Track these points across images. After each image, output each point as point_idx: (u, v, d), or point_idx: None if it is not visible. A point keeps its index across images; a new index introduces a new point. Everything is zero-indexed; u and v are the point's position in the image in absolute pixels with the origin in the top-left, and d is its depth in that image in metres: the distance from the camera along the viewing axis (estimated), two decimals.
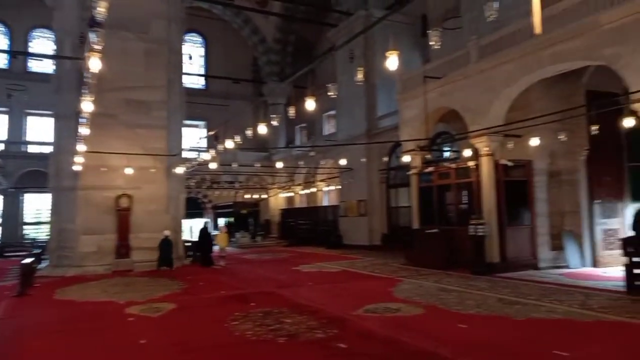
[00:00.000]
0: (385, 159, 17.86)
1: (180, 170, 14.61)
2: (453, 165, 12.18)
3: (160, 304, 8.30)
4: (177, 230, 15.25)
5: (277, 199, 28.28)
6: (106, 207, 13.78)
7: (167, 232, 13.75)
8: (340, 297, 8.73)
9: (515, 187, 11.52)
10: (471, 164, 11.54)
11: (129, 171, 13.51)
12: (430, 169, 12.88)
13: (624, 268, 8.80)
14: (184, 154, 17.17)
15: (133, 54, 14.26)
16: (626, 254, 7.95)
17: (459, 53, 12.07)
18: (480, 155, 11.43)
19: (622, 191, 12.30)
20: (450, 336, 5.78)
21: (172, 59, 15.27)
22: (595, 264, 11.58)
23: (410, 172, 13.69)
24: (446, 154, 15.31)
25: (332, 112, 24.85)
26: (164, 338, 6.16)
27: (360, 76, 6.84)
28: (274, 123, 12.42)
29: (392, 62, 5.92)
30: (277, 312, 7.29)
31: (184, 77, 17.86)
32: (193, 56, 30.68)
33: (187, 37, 30.44)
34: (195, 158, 17.09)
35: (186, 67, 28.27)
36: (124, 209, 13.87)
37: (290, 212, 26.88)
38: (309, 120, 28.31)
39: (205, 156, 15.11)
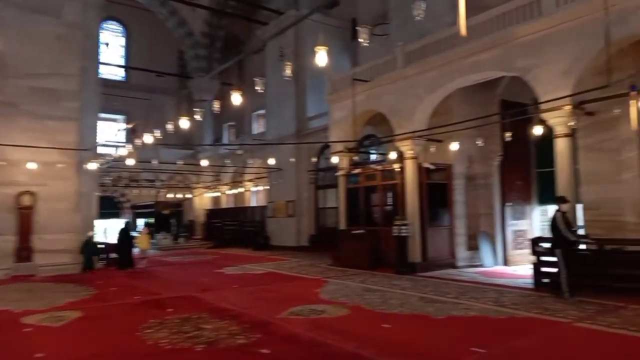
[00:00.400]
0: (315, 159, 17.87)
1: (93, 166, 13.50)
2: (379, 167, 12.42)
3: (64, 312, 7.51)
4: (89, 231, 14.07)
5: (202, 199, 27.26)
6: (5, 205, 12.37)
7: (90, 233, 12.69)
8: (265, 300, 8.48)
9: (436, 190, 11.97)
10: (396, 166, 11.82)
11: (32, 166, 12.24)
12: (357, 170, 13.03)
13: (532, 266, 9.49)
14: (99, 149, 15.91)
15: (42, 38, 12.99)
16: (534, 253, 8.49)
17: (387, 58, 12.34)
18: (405, 158, 11.74)
19: (530, 195, 13.25)
20: (374, 337, 5.77)
21: (87, 45, 14.09)
22: (506, 262, 12.35)
23: (338, 173, 13.76)
24: (373, 156, 15.59)
25: (262, 112, 24.47)
26: (65, 350, 5.53)
27: (288, 72, 6.68)
28: (198, 117, 11.89)
29: (321, 57, 5.82)
30: (197, 317, 6.88)
31: (101, 67, 16.61)
32: (112, 45, 28.76)
33: (106, 25, 28.56)
34: (111, 154, 15.91)
35: (104, 56, 26.55)
36: (25, 207, 12.53)
37: (216, 213, 26.01)
38: (237, 118, 27.67)
39: (122, 152, 14.10)
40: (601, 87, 7.60)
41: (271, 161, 18.15)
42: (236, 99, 7.80)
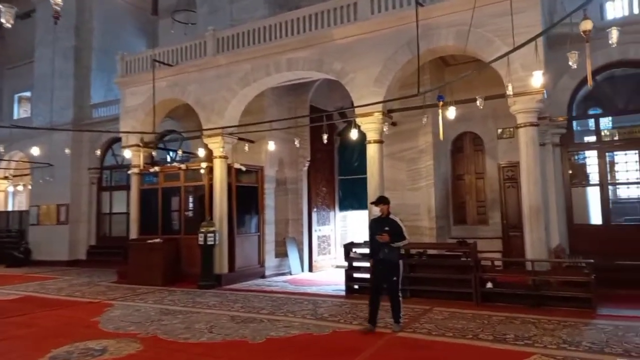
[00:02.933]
0: (98, 152, 14.69)
1: None
2: (183, 166, 10.79)
3: None
4: None
5: None
6: None
7: None
8: (13, 340, 6.03)
9: (246, 194, 11.03)
10: (203, 165, 10.42)
11: None
12: (155, 168, 11.09)
13: (334, 272, 9.43)
14: None
15: None
16: (348, 259, 8.28)
17: (195, 42, 10.87)
18: (213, 157, 10.46)
19: (333, 201, 13.54)
20: None
21: None
22: (311, 268, 12.21)
23: (131, 171, 11.53)
24: (175, 154, 13.72)
25: (28, 94, 19.63)
26: None
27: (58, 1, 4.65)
28: None
29: None
30: None
31: None
32: None
33: None
34: None
35: None
36: None
37: None
38: None
39: None
40: (411, 95, 7.84)
41: (34, 150, 13.87)
42: None
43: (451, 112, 7.33)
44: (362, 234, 17.33)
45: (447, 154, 10.58)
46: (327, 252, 13.02)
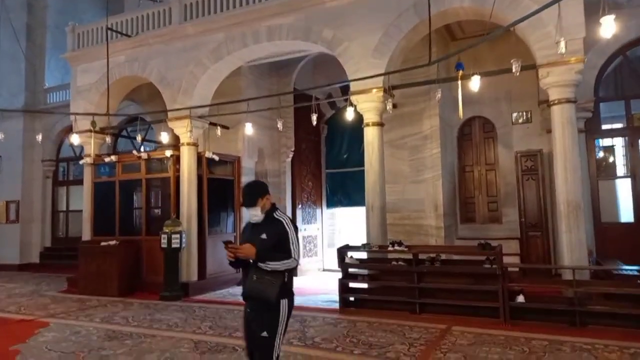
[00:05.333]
0: (39, 137, 12.77)
1: None
2: (144, 155, 9.12)
3: None
4: None
5: None
6: None
7: None
8: None
9: (220, 188, 9.46)
10: (168, 154, 8.80)
11: None
12: (111, 158, 9.40)
13: (321, 277, 7.97)
14: None
15: None
16: (342, 265, 6.80)
17: (158, 8, 9.22)
18: (180, 144, 8.86)
19: (320, 197, 12.07)
20: None
21: None
22: (295, 273, 10.71)
23: (84, 162, 9.82)
24: (141, 145, 12.01)
25: None
26: None
27: None
28: None
29: None
30: None
31: None
32: None
33: None
34: None
35: None
36: None
37: None
38: None
39: None
40: (420, 65, 6.44)
41: None
42: None
43: (475, 83, 5.90)
44: (354, 234, 15.97)
45: (453, 142, 9.20)
46: (313, 254, 11.52)
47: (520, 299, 5.65)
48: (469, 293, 6.05)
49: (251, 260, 2.95)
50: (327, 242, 12.40)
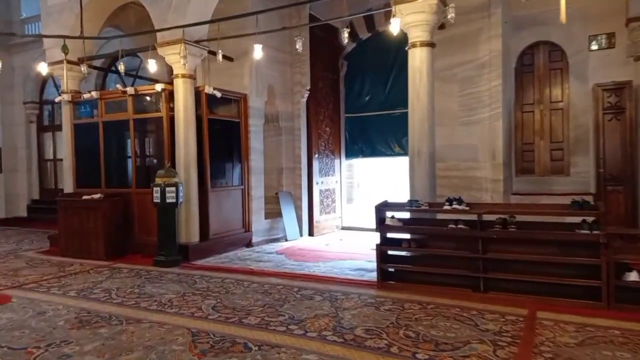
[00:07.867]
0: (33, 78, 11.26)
1: None
2: (131, 91, 7.46)
3: None
4: None
5: None
6: None
7: None
8: None
9: (224, 131, 7.86)
10: (159, 88, 7.14)
11: None
12: (92, 94, 7.75)
13: (342, 236, 6.49)
14: None
15: None
16: (380, 228, 5.31)
17: None
18: (174, 76, 7.18)
19: (339, 145, 10.51)
20: None
21: None
22: (312, 232, 9.36)
23: (59, 99, 8.21)
24: (134, 80, 10.31)
25: None
26: None
27: None
28: None
29: None
30: None
31: None
32: None
33: None
34: None
35: None
36: None
37: None
38: None
39: None
40: None
41: None
42: None
43: None
44: (374, 188, 14.48)
45: (511, 75, 7.43)
46: (331, 211, 10.11)
47: (634, 277, 4.15)
48: (554, 267, 4.56)
49: None
50: (346, 197, 10.97)
